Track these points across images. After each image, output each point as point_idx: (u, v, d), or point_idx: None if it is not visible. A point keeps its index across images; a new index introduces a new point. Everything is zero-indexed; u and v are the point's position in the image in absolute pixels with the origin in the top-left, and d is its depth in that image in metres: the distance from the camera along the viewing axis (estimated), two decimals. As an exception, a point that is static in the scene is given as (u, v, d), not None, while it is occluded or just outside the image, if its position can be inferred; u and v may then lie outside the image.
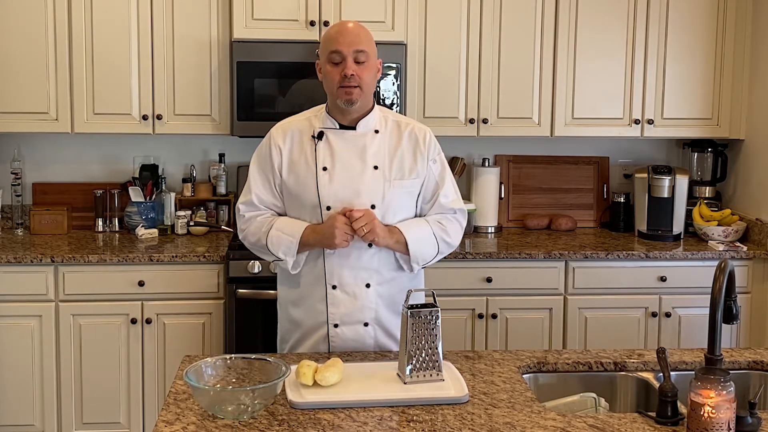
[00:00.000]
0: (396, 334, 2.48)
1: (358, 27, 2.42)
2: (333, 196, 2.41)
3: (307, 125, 2.49)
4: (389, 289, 2.48)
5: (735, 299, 1.97)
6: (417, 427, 1.88)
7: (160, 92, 3.82)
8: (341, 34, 2.38)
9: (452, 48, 3.93)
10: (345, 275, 2.44)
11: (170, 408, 1.96)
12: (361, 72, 2.37)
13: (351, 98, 2.38)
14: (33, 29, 3.73)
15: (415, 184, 2.49)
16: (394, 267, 2.49)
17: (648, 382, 2.24)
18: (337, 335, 2.47)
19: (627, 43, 4.02)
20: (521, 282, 3.74)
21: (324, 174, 2.42)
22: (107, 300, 3.58)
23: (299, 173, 2.44)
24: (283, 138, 2.48)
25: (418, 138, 2.49)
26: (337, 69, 2.37)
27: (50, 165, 4.16)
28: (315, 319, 2.48)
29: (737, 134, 4.13)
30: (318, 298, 2.47)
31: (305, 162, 2.44)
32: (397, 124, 2.51)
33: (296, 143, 2.47)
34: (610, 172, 4.42)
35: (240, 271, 3.53)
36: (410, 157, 2.47)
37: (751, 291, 3.86)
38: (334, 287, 2.44)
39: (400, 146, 2.47)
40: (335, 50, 2.36)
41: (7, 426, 3.59)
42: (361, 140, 2.45)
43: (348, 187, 2.41)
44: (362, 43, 2.38)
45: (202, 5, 3.79)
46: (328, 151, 2.44)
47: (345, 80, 2.36)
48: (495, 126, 3.99)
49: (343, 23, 2.45)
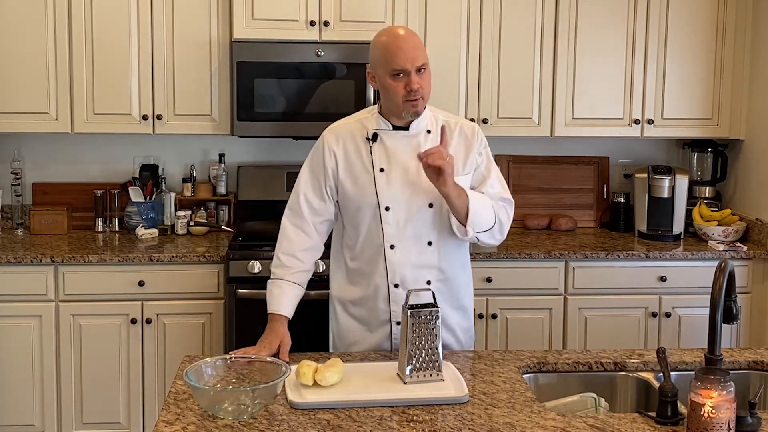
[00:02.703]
0: (454, 327, 2.55)
1: (413, 37, 2.39)
2: (391, 197, 2.43)
3: (359, 127, 2.51)
4: (448, 286, 2.51)
5: (735, 299, 1.97)
6: (417, 427, 1.88)
7: (160, 92, 3.82)
8: (403, 51, 2.35)
9: (452, 48, 3.93)
10: (407, 273, 2.46)
11: (170, 408, 1.96)
12: (423, 83, 2.38)
13: (417, 110, 2.41)
14: (33, 29, 3.73)
15: (468, 179, 2.51)
16: (453, 264, 2.51)
17: (648, 382, 2.24)
18: (399, 332, 2.47)
19: (627, 43, 4.02)
20: (521, 282, 3.74)
21: (381, 175, 2.44)
22: (107, 300, 3.58)
23: (357, 175, 2.47)
24: (337, 141, 2.50)
25: (468, 134, 2.53)
26: (401, 83, 2.36)
27: (50, 165, 4.16)
28: (377, 318, 2.51)
29: (737, 134, 4.13)
30: (381, 297, 2.49)
31: (362, 164, 2.46)
32: (447, 123, 2.52)
33: (350, 146, 2.49)
34: (610, 172, 4.42)
35: (240, 271, 3.53)
36: (462, 154, 2.50)
37: (751, 291, 3.86)
38: (396, 286, 2.47)
39: (452, 143, 2.49)
40: (399, 68, 2.35)
41: (7, 426, 3.59)
42: (415, 140, 2.47)
43: (406, 186, 2.43)
44: (422, 57, 2.37)
45: (202, 5, 3.79)
46: (383, 152, 2.46)
47: (411, 94, 2.37)
48: (495, 126, 3.99)
49: (398, 35, 2.39)
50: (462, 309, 2.57)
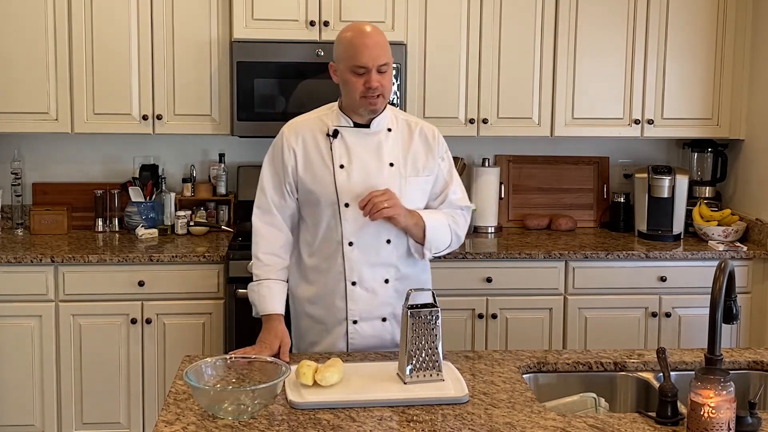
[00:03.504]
0: None
1: (379, 36, 2.39)
2: (351, 193, 2.43)
3: (319, 123, 2.50)
4: (406, 285, 2.50)
5: (735, 299, 1.97)
6: (417, 427, 1.88)
7: (160, 92, 3.82)
8: (366, 47, 2.36)
9: (452, 48, 3.93)
10: (364, 272, 2.47)
11: (170, 408, 1.96)
12: (383, 80, 2.39)
13: (375, 108, 2.42)
14: (33, 29, 3.73)
15: (428, 181, 2.53)
16: (410, 262, 2.52)
17: (648, 382, 2.24)
18: (356, 331, 2.49)
19: (627, 43, 4.02)
20: (521, 282, 3.74)
21: (341, 171, 2.44)
22: (107, 300, 3.58)
23: (316, 171, 2.46)
24: (296, 137, 2.49)
25: (428, 136, 2.54)
26: (360, 80, 2.37)
27: (50, 165, 4.16)
28: (334, 317, 2.51)
29: (737, 134, 4.13)
30: (338, 295, 2.49)
31: (321, 160, 2.46)
32: (407, 123, 2.55)
33: (310, 141, 2.48)
34: (610, 172, 4.42)
35: (240, 271, 3.53)
36: (423, 155, 2.52)
37: (751, 291, 3.86)
38: (354, 284, 2.47)
39: (412, 144, 2.51)
40: (360, 65, 2.36)
41: (7, 426, 3.59)
42: (376, 138, 2.48)
43: (366, 183, 2.43)
44: (384, 55, 2.38)
45: (202, 5, 3.79)
46: (344, 148, 2.46)
47: (369, 92, 2.37)
48: (495, 126, 3.99)
49: (363, 32, 2.40)
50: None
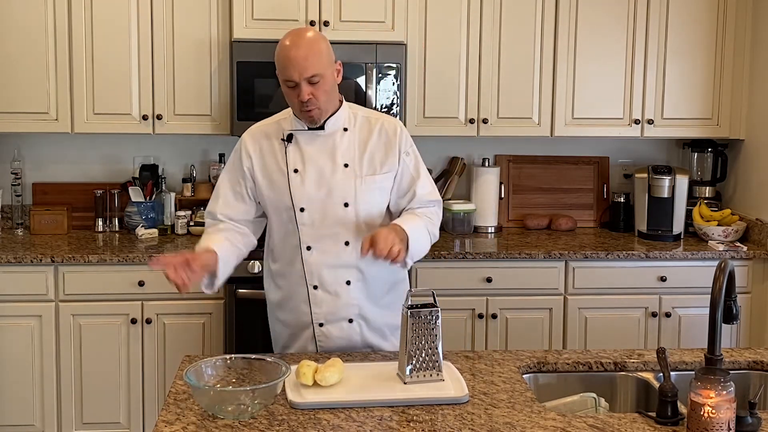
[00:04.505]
0: (382, 327, 2.52)
1: (308, 46, 2.33)
2: (305, 197, 2.42)
3: (276, 128, 2.50)
4: (370, 284, 2.49)
5: (735, 299, 1.97)
6: (417, 427, 1.88)
7: (160, 92, 3.82)
8: (290, 61, 2.32)
9: (452, 48, 3.93)
10: (325, 275, 2.45)
11: (170, 408, 1.96)
12: (316, 92, 2.34)
13: (312, 118, 2.40)
14: (33, 29, 3.73)
15: (387, 178, 2.48)
16: (374, 263, 2.44)
17: (648, 382, 2.24)
18: (323, 334, 2.49)
19: (627, 43, 4.02)
20: (521, 282, 3.74)
21: (296, 176, 2.43)
22: (107, 300, 3.58)
23: (272, 177, 2.46)
24: (254, 143, 2.49)
25: (389, 132, 2.49)
26: (294, 92, 2.35)
27: (50, 165, 4.16)
28: (300, 320, 2.51)
29: (737, 134, 4.13)
30: (301, 299, 2.49)
31: (276, 165, 2.46)
32: (368, 120, 2.51)
33: (266, 147, 2.48)
34: (610, 172, 4.42)
35: (240, 271, 3.51)
36: (381, 152, 2.47)
37: (751, 291, 3.86)
38: (315, 287, 2.46)
39: (370, 141, 2.47)
40: (288, 79, 2.34)
41: (7, 426, 3.59)
42: (330, 139, 2.46)
43: (320, 187, 2.42)
44: (311, 67, 2.31)
45: (202, 5, 3.79)
46: (298, 153, 2.45)
47: (303, 105, 2.35)
48: (495, 126, 3.99)
49: (292, 44, 2.34)
50: (387, 307, 2.52)
